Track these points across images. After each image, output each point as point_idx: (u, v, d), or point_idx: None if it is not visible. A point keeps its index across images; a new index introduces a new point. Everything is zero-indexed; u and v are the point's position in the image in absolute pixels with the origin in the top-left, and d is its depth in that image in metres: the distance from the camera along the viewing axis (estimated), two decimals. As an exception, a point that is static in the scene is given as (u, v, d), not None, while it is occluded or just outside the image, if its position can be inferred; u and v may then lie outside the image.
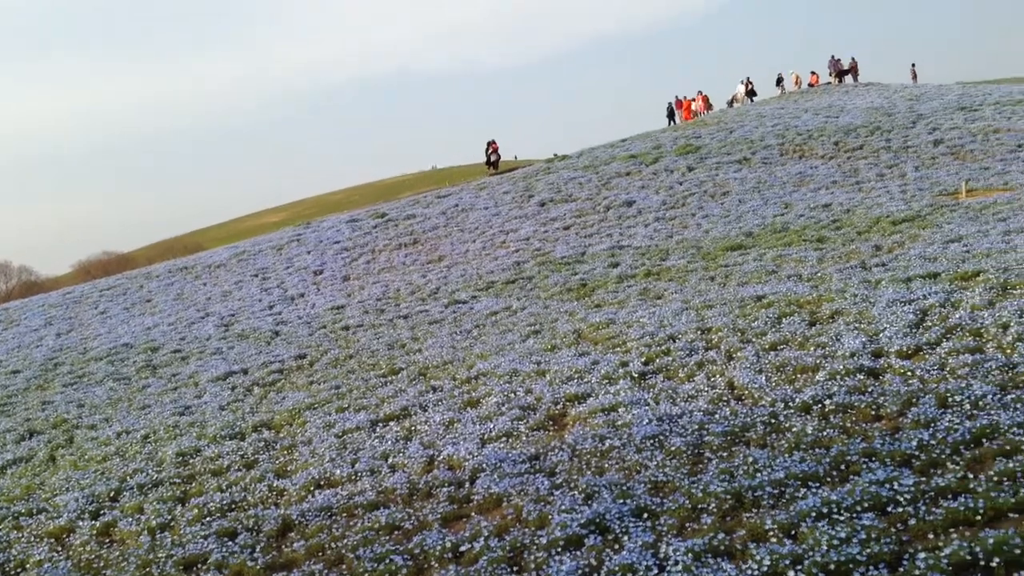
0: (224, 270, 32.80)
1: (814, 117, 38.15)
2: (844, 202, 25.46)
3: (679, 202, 29.38)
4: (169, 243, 66.21)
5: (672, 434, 10.05)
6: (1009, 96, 37.07)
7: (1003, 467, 7.65)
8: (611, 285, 20.61)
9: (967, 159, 28.66)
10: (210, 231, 61.74)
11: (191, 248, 53.80)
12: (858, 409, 9.80)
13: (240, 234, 48.53)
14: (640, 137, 42.55)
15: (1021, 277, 13.36)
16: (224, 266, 33.38)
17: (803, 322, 13.74)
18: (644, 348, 14.08)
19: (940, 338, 11.50)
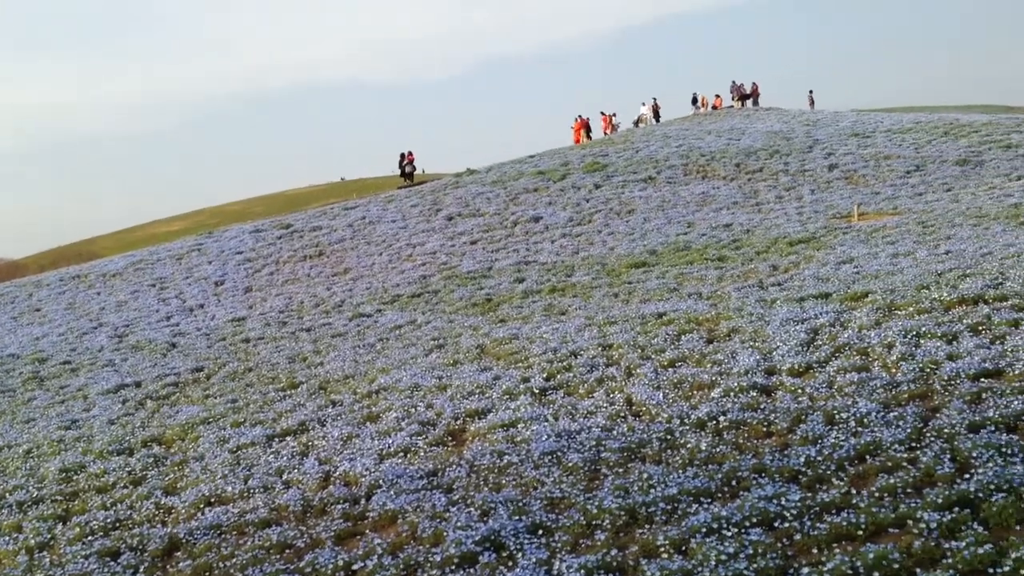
0: (120, 279, 31.75)
1: (717, 139, 39.11)
2: (744, 222, 26.13)
3: (585, 219, 29.71)
4: (62, 250, 63.81)
5: (570, 450, 10.10)
6: (899, 124, 38.66)
7: (884, 483, 7.90)
8: (516, 300, 20.68)
9: (860, 184, 29.76)
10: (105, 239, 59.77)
11: (85, 256, 52.00)
12: (750, 426, 10.01)
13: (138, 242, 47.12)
14: (549, 154, 42.91)
15: (906, 298, 13.88)
16: (120, 275, 32.31)
17: (701, 339, 14.01)
18: (546, 364, 14.14)
19: (829, 357, 11.85)
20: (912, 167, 30.66)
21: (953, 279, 14.58)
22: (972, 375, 10.08)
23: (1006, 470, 7.50)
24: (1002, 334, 11.37)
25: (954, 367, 10.36)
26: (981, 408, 9.13)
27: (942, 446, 8.39)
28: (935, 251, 17.75)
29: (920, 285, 14.59)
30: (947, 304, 13.13)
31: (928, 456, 8.20)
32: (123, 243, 49.86)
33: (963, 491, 7.36)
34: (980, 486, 7.35)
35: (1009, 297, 12.83)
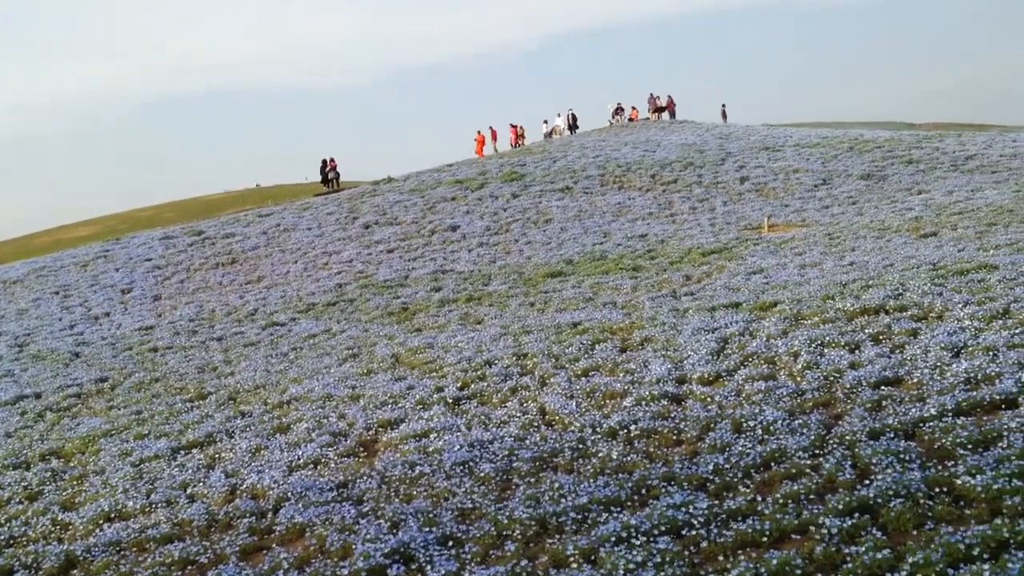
0: (21, 286, 30.58)
1: (633, 150, 39.63)
2: (659, 233, 26.51)
3: (503, 228, 29.77)
4: (-40, 256, 61.23)
5: (482, 460, 10.05)
6: (807, 139, 39.75)
7: (789, 490, 8.05)
8: (433, 309, 20.58)
9: (770, 196, 30.48)
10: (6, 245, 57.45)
11: (-15, 262, 49.93)
12: (661, 434, 10.11)
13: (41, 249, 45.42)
14: (467, 163, 42.92)
15: (812, 308, 14.23)
16: (21, 282, 31.13)
17: (615, 348, 14.12)
18: (461, 373, 14.08)
19: (738, 365, 12.06)
20: (819, 181, 31.54)
21: (857, 289, 14.99)
22: (873, 383, 10.36)
23: (904, 476, 7.70)
24: (901, 343, 11.74)
25: (856, 375, 10.63)
26: (881, 416, 9.38)
27: (844, 453, 8.59)
28: (840, 262, 18.26)
29: (826, 295, 14.97)
30: (850, 314, 13.49)
31: (830, 463, 8.39)
32: (25, 249, 48.00)
33: (863, 497, 7.54)
34: (879, 492, 7.54)
35: (908, 307, 13.25)
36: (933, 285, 14.28)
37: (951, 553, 6.46)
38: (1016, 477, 7.32)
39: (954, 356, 10.83)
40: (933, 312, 12.86)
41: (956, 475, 7.66)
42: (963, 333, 11.53)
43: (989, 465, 7.64)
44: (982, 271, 14.78)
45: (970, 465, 7.72)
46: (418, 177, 39.52)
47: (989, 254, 16.25)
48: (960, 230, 19.90)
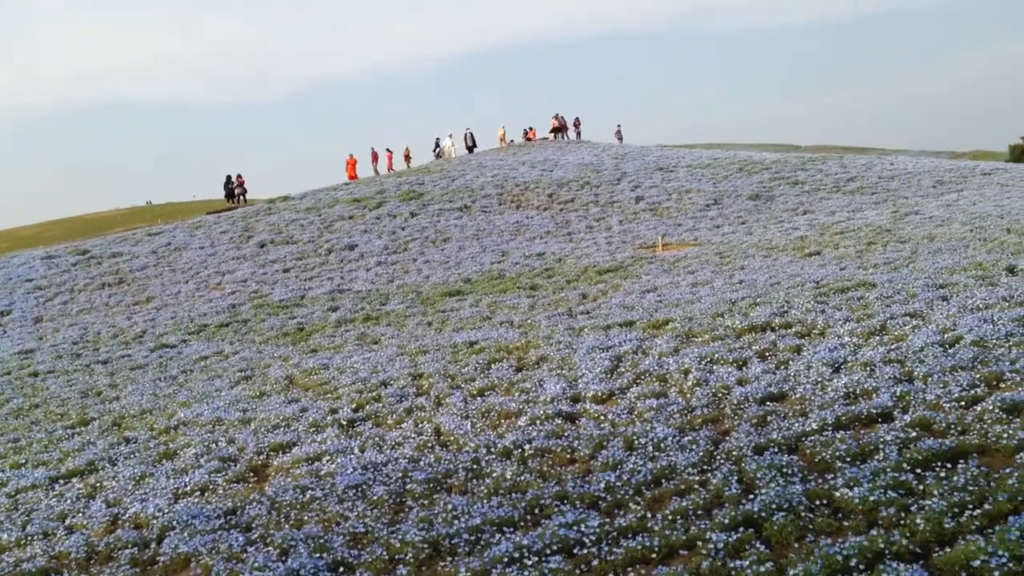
0: None
1: (531, 170, 40.00)
2: (556, 251, 26.79)
3: (401, 247, 29.63)
4: None
5: (376, 483, 9.93)
6: (699, 160, 40.84)
7: (678, 506, 8.19)
8: (329, 329, 20.31)
9: (664, 215, 31.16)
10: None
11: None
12: (555, 453, 10.17)
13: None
14: (365, 181, 42.60)
15: (703, 326, 14.57)
16: None
17: (511, 368, 14.17)
18: (356, 394, 13.91)
19: (631, 383, 12.24)
20: (711, 200, 32.41)
21: (745, 307, 15.43)
22: (759, 399, 10.66)
23: (786, 490, 7.93)
24: (786, 359, 12.11)
25: (743, 391, 10.92)
26: (766, 431, 9.65)
27: (730, 468, 8.80)
28: (730, 280, 18.76)
29: (716, 313, 15.35)
30: (739, 331, 13.86)
31: (718, 478, 8.57)
32: None
33: (748, 511, 7.73)
34: (763, 506, 7.74)
35: (793, 324, 13.71)
36: (816, 303, 14.80)
37: (830, 565, 6.66)
38: (891, 489, 7.62)
39: (834, 371, 11.23)
40: (816, 329, 13.33)
41: (835, 488, 7.92)
42: (843, 349, 11.98)
43: (866, 477, 7.93)
44: (861, 289, 15.39)
45: (848, 478, 8.00)
46: (315, 195, 39.02)
47: (868, 272, 16.95)
48: (842, 249, 20.70)
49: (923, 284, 14.88)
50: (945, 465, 7.96)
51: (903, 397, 9.84)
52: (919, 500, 7.40)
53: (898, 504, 7.36)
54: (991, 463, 7.97)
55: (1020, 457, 7.84)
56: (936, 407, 9.42)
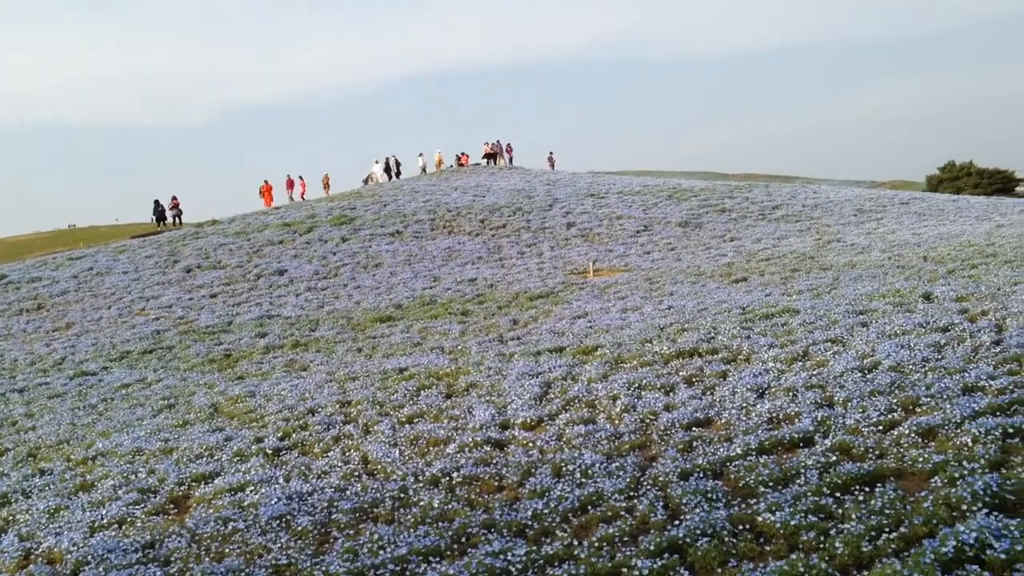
0: None
1: (463, 195, 40.06)
2: (488, 277, 26.80)
3: (332, 272, 29.35)
4: None
5: (301, 513, 9.75)
6: (630, 187, 41.38)
7: (604, 532, 8.20)
8: (257, 356, 19.98)
9: (595, 241, 31.44)
10: None
11: None
12: (483, 481, 10.12)
13: None
14: (295, 206, 42.18)
15: (631, 351, 14.70)
16: None
17: (440, 394, 14.09)
18: (282, 422, 13.68)
19: (560, 409, 12.27)
20: (641, 227, 32.82)
21: (673, 333, 15.61)
22: (685, 424, 10.78)
23: (711, 515, 8.01)
24: (712, 385, 12.28)
25: (670, 417, 11.02)
26: (692, 456, 9.75)
27: (657, 494, 8.86)
28: (659, 306, 18.97)
29: (645, 339, 15.50)
30: (667, 357, 14.02)
31: (644, 504, 8.62)
32: None
33: (673, 537, 7.78)
34: (688, 531, 7.80)
35: (720, 350, 13.91)
36: (742, 328, 15.06)
37: (752, 589, 6.73)
38: (811, 513, 7.75)
39: (759, 397, 11.42)
40: (741, 355, 13.55)
41: (758, 512, 8.02)
42: (767, 375, 12.20)
43: (787, 502, 8.05)
44: (786, 315, 15.71)
45: (771, 502, 8.11)
46: (244, 219, 38.49)
47: (792, 299, 17.31)
48: (767, 276, 21.12)
49: (844, 310, 15.24)
50: (863, 489, 8.13)
51: (824, 422, 10.04)
52: (838, 524, 7.53)
53: (818, 528, 7.48)
54: (907, 486, 8.16)
55: (935, 481, 8.04)
56: (855, 431, 9.64)
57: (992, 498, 7.36)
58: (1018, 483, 7.65)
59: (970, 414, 9.36)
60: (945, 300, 15.03)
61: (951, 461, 8.25)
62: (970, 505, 7.29)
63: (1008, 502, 7.40)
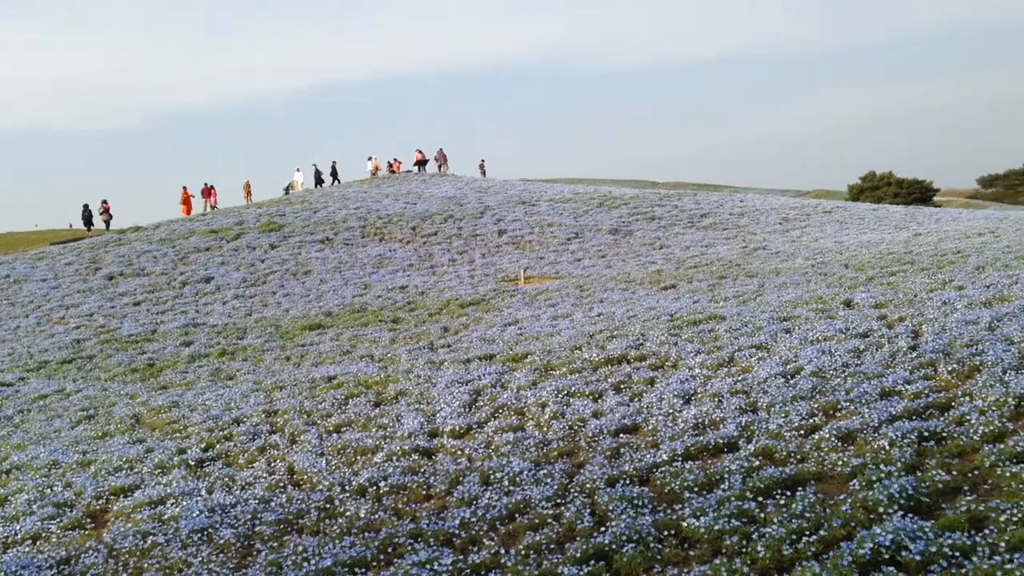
0: None
1: (395, 202, 39.85)
2: (419, 284, 26.67)
3: (260, 280, 28.91)
4: None
5: (223, 525, 9.55)
6: (561, 194, 41.63)
7: (532, 540, 8.20)
8: (182, 365, 19.56)
9: (526, 249, 31.54)
10: None
11: None
12: (411, 490, 10.04)
13: None
14: (223, 212, 41.48)
15: (561, 358, 14.76)
16: None
17: (369, 403, 13.97)
18: (206, 433, 13.41)
19: (489, 417, 12.25)
20: (572, 234, 33.03)
21: (602, 340, 15.71)
22: (613, 431, 10.84)
23: (636, 521, 8.05)
24: (640, 392, 12.39)
25: (598, 424, 11.08)
26: (619, 462, 9.81)
27: (584, 501, 8.89)
28: (589, 313, 19.09)
29: (574, 346, 15.58)
30: (596, 364, 14.10)
31: (571, 511, 8.64)
32: None
33: (599, 544, 7.80)
34: (614, 538, 7.83)
35: (648, 357, 14.05)
36: (670, 335, 15.23)
37: (676, 594, 6.78)
38: (735, 517, 7.85)
39: (685, 403, 11.55)
40: (669, 361, 13.70)
41: (683, 518, 8.10)
42: (694, 381, 12.35)
43: (712, 507, 8.15)
44: (712, 321, 15.94)
45: (695, 507, 8.20)
46: (169, 226, 37.69)
47: (719, 305, 17.57)
48: (695, 283, 21.40)
49: (769, 317, 15.52)
50: (785, 493, 8.26)
51: (748, 427, 10.20)
52: (760, 528, 7.63)
53: (741, 532, 7.58)
54: (827, 490, 8.33)
55: (853, 484, 8.21)
56: (778, 436, 9.80)
57: (908, 500, 7.55)
58: (932, 485, 7.86)
59: (887, 418, 9.59)
60: (865, 306, 15.40)
61: (869, 464, 8.44)
62: (887, 508, 7.46)
63: (923, 504, 7.60)
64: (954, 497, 7.62)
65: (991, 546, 6.58)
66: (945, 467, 8.23)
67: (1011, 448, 8.21)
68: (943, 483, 7.90)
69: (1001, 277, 16.15)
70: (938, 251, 21.54)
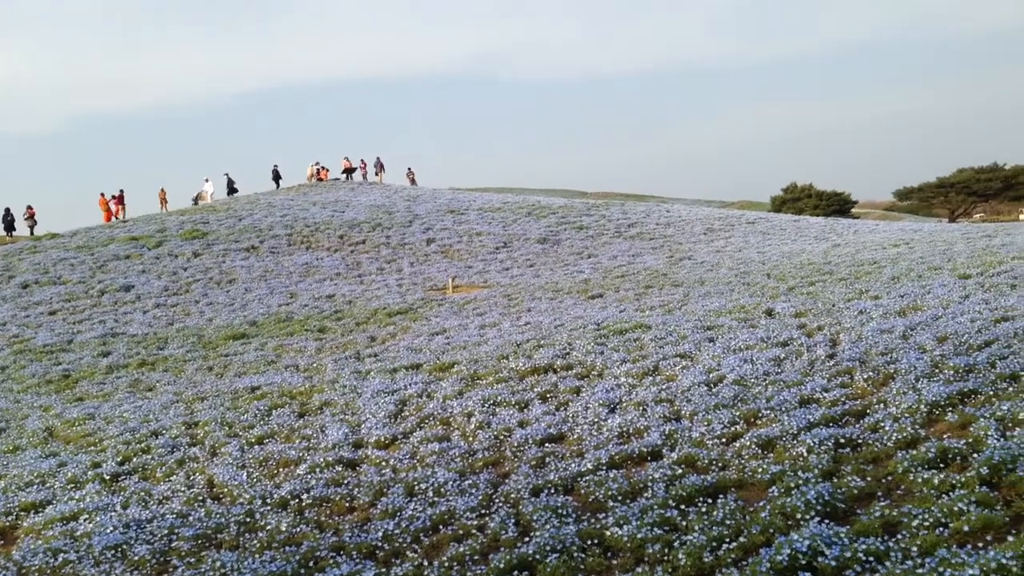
0: None
1: (322, 211, 39.42)
2: (347, 293, 26.40)
3: (183, 288, 28.28)
4: None
5: (138, 541, 9.28)
6: (490, 203, 41.69)
7: (455, 552, 8.14)
8: (99, 376, 19.00)
9: (455, 258, 31.48)
10: None
11: None
12: (334, 502, 9.90)
13: None
14: (144, 219, 40.51)
15: (488, 368, 14.73)
16: None
17: (293, 414, 13.75)
18: (123, 446, 13.04)
19: (414, 427, 12.17)
20: (501, 243, 33.08)
21: (530, 349, 15.74)
22: (539, 440, 10.85)
23: (560, 531, 8.06)
24: (566, 401, 12.43)
25: (524, 433, 11.08)
26: (544, 472, 9.82)
27: (508, 511, 8.87)
28: (517, 323, 19.12)
29: (501, 355, 15.57)
30: (522, 373, 14.12)
31: (495, 522, 8.61)
32: None
33: (523, 554, 7.79)
34: (538, 548, 7.82)
35: (574, 366, 14.11)
36: (596, 344, 15.33)
37: (599, 603, 6.80)
38: (657, 525, 7.91)
39: (610, 412, 11.63)
40: (595, 370, 13.78)
41: (607, 526, 8.14)
42: (619, 390, 12.44)
43: (635, 515, 8.20)
44: (638, 330, 16.09)
45: (619, 516, 8.24)
46: (87, 233, 36.65)
47: (645, 315, 17.76)
48: (622, 292, 21.61)
49: (693, 326, 15.73)
50: (707, 500, 8.36)
51: (671, 435, 10.30)
52: (682, 535, 7.71)
53: (663, 540, 7.64)
54: (747, 496, 8.45)
55: (773, 490, 8.35)
56: (700, 444, 9.93)
57: (824, 506, 7.70)
58: (848, 491, 8.03)
59: (806, 425, 9.79)
60: (785, 316, 15.73)
61: (788, 471, 8.60)
62: (804, 514, 7.59)
63: (839, 510, 7.76)
64: (869, 503, 7.80)
65: (904, 551, 6.74)
66: (860, 473, 8.42)
67: (923, 454, 8.44)
68: (858, 489, 8.08)
69: (915, 287, 16.65)
70: (856, 262, 22.13)
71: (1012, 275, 16.58)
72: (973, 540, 6.80)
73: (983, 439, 8.44)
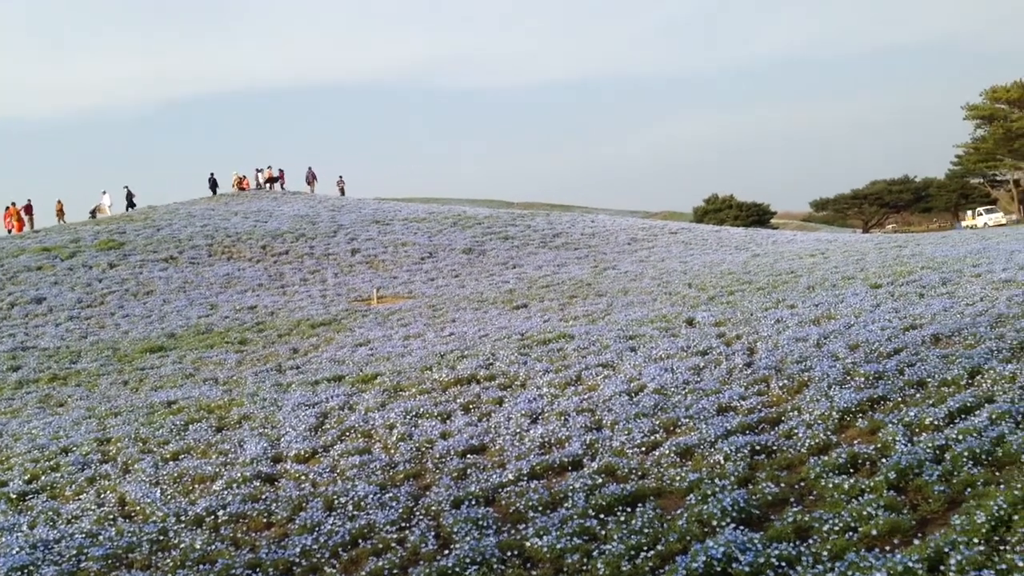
0: None
1: (244, 220, 38.78)
2: (269, 305, 26.00)
3: (97, 300, 27.51)
4: None
5: (45, 563, 8.97)
6: (415, 213, 41.54)
7: (374, 566, 8.04)
8: (7, 392, 18.36)
9: (380, 268, 31.26)
10: None
11: None
12: (251, 518, 9.71)
13: None
14: (57, 229, 39.33)
15: (411, 379, 14.64)
16: None
17: (210, 428, 13.46)
18: (31, 464, 12.61)
19: (335, 440, 12.00)
20: (426, 254, 32.97)
21: (453, 360, 15.69)
22: (461, 452, 10.81)
23: (481, 543, 8.02)
24: (488, 411, 12.41)
25: (446, 445, 11.03)
26: (465, 483, 9.77)
27: (429, 524, 8.80)
28: (441, 333, 19.06)
29: (424, 366, 15.49)
30: (445, 384, 14.06)
31: (416, 535, 8.53)
32: None
33: (443, 567, 7.72)
34: (458, 560, 7.77)
35: (497, 376, 14.11)
36: (520, 355, 15.35)
37: (517, 615, 6.78)
38: (577, 535, 7.93)
39: (532, 422, 11.64)
40: (518, 380, 13.79)
41: (527, 537, 8.13)
42: (541, 400, 12.47)
43: (555, 525, 8.21)
44: (562, 340, 16.17)
45: (539, 527, 8.24)
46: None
47: (569, 324, 17.86)
48: (547, 302, 21.71)
49: (616, 336, 15.88)
50: (626, 509, 8.42)
51: (592, 445, 10.36)
52: (601, 545, 7.74)
53: (582, 550, 7.66)
54: (666, 505, 8.54)
55: (690, 498, 8.45)
56: (621, 453, 10.00)
57: (739, 513, 7.82)
58: (763, 498, 8.18)
59: (723, 433, 9.94)
60: (705, 325, 15.98)
61: (705, 479, 8.71)
62: (720, 521, 7.70)
63: (754, 516, 7.89)
64: (782, 508, 7.95)
65: (815, 555, 6.88)
66: (775, 479, 8.58)
67: (834, 460, 8.64)
68: (772, 495, 8.23)
69: (829, 296, 17.09)
70: (774, 271, 22.62)
71: (920, 284, 17.14)
72: (881, 544, 6.98)
73: (891, 444, 8.68)
